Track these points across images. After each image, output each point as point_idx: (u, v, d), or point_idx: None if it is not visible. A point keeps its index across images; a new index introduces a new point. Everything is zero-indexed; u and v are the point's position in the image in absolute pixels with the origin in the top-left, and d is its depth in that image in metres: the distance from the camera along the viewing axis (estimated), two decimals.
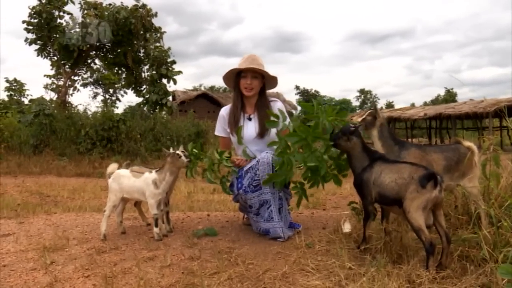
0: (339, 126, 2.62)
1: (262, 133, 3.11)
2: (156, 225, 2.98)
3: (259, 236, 2.99)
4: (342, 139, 2.52)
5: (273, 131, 3.10)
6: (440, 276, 2.00)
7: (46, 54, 14.21)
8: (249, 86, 3.13)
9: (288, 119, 2.87)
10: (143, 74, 14.27)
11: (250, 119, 3.20)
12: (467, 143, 2.75)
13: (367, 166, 2.48)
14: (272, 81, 3.25)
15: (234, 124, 3.16)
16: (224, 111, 3.29)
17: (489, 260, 2.05)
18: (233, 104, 3.25)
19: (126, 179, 3.06)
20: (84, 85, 25.39)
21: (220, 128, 3.28)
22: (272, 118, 2.85)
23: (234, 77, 3.22)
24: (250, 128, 3.16)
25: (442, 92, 52.85)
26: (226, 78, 3.30)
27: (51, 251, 2.82)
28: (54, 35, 13.51)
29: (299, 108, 44.72)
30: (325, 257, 2.45)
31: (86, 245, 2.94)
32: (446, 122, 22.01)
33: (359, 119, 2.83)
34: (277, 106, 3.22)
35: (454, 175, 2.67)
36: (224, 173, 3.12)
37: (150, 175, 3.00)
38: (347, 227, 2.87)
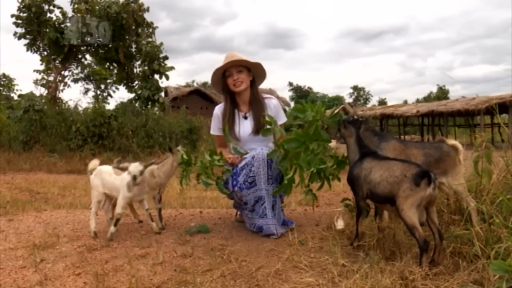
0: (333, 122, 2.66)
1: (258, 130, 3.09)
2: (115, 225, 2.92)
3: (252, 233, 2.99)
4: (342, 125, 2.60)
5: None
6: (432, 273, 2.02)
7: (35, 49, 14.02)
8: (237, 81, 3.10)
9: (282, 119, 2.87)
10: (135, 70, 14.15)
11: (246, 117, 3.18)
12: (451, 141, 2.77)
13: (357, 161, 2.51)
14: (259, 72, 3.22)
15: (229, 125, 3.13)
16: (219, 109, 3.26)
17: (481, 256, 2.07)
18: (224, 107, 3.21)
19: (108, 176, 3.05)
20: (75, 81, 25.21)
21: (215, 127, 3.25)
22: (266, 126, 2.84)
23: (221, 79, 3.19)
24: (246, 126, 3.15)
25: (434, 90, 53.24)
26: (215, 84, 3.26)
27: (41, 249, 2.79)
28: (44, 30, 13.33)
29: (292, 104, 44.86)
30: (318, 254, 2.46)
31: (77, 243, 2.91)
32: (438, 119, 22.17)
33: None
34: (272, 103, 3.21)
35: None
36: (218, 173, 3.11)
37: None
38: (340, 224, 2.87)
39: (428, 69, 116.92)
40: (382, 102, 54.37)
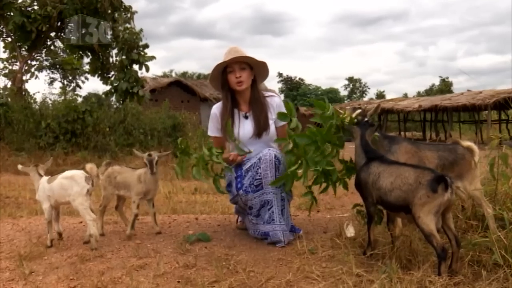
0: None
1: (260, 132, 3.17)
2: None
3: (256, 241, 3.08)
4: (347, 127, 2.74)
5: (272, 129, 3.18)
6: (453, 282, 2.14)
7: None
8: (239, 79, 3.16)
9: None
10: (111, 59, 14.06)
11: (246, 117, 3.26)
12: (466, 143, 2.89)
13: (364, 165, 2.61)
14: (262, 71, 3.30)
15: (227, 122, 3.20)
16: (217, 109, 3.33)
17: (503, 265, 2.19)
18: (223, 105, 3.28)
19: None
20: (39, 69, 24.81)
21: (214, 128, 3.33)
22: (272, 122, 2.92)
23: (220, 75, 3.26)
24: (247, 127, 3.22)
25: (436, 81, 54.00)
26: (212, 79, 3.34)
27: (28, 260, 2.82)
28: (8, 13, 13.15)
29: (282, 97, 45.00)
30: (330, 264, 2.56)
31: (67, 253, 2.96)
32: (442, 115, 22.58)
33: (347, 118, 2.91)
34: (275, 102, 3.29)
35: None
36: (217, 171, 3.19)
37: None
38: (350, 231, 2.98)
39: (430, 58, 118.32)
40: (380, 95, 54.92)
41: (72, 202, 3.02)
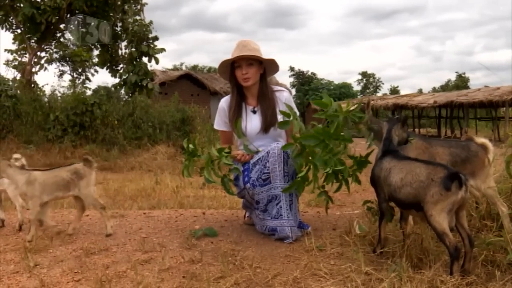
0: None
1: (267, 128, 3.16)
2: None
3: (263, 237, 3.07)
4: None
5: None
6: (465, 282, 2.10)
7: (8, 26, 14.00)
8: (245, 76, 3.15)
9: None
10: (120, 52, 14.15)
11: (254, 111, 3.25)
12: (480, 140, 2.84)
13: (378, 160, 2.60)
14: (271, 65, 3.29)
15: (236, 120, 3.18)
16: (225, 102, 3.33)
17: None
18: (231, 98, 3.28)
19: None
20: (48, 62, 25.07)
21: (221, 122, 3.32)
22: (281, 117, 2.88)
23: (229, 68, 3.25)
24: (254, 122, 3.22)
25: (453, 77, 53.43)
26: (222, 72, 3.34)
27: (33, 253, 2.85)
28: (18, 5, 13.29)
29: (293, 91, 44.92)
30: (339, 261, 2.54)
31: (72, 246, 2.98)
32: (458, 111, 22.32)
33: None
34: (283, 97, 3.26)
35: None
36: (225, 171, 3.17)
37: None
38: (360, 228, 2.95)
39: (446, 53, 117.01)
40: (394, 91, 54.54)
41: None
